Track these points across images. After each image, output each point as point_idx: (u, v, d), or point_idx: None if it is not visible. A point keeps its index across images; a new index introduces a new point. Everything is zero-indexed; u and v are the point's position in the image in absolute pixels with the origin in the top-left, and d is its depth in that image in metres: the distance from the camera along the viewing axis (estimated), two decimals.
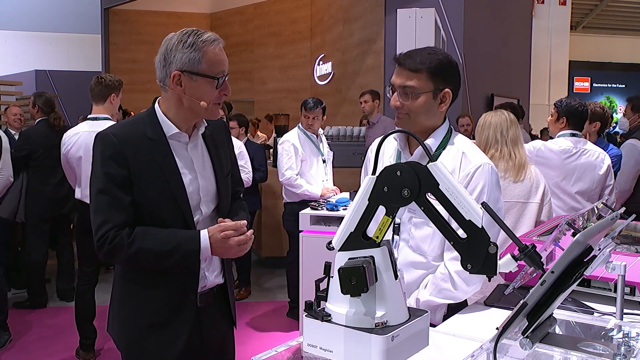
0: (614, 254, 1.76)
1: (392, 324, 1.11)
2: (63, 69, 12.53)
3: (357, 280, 1.07)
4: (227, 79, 1.75)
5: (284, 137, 4.63)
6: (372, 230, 1.14)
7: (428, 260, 1.85)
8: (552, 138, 3.50)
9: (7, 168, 3.99)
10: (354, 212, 1.14)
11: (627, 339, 1.35)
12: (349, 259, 1.12)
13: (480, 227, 1.06)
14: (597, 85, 18.50)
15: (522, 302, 1.10)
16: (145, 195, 1.70)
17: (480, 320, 1.75)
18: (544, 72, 14.77)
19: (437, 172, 1.09)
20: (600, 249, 1.37)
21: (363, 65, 8.52)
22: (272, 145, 7.28)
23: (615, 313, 1.64)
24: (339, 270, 1.09)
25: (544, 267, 1.09)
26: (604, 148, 3.65)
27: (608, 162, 3.37)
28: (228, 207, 1.90)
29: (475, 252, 1.07)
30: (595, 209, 2.16)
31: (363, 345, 1.09)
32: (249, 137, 6.18)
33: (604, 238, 1.41)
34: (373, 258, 1.12)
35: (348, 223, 1.15)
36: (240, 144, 4.78)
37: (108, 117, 3.66)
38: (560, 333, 1.53)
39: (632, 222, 1.85)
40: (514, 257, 1.10)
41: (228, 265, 1.95)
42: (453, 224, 1.10)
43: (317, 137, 4.62)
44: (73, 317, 3.85)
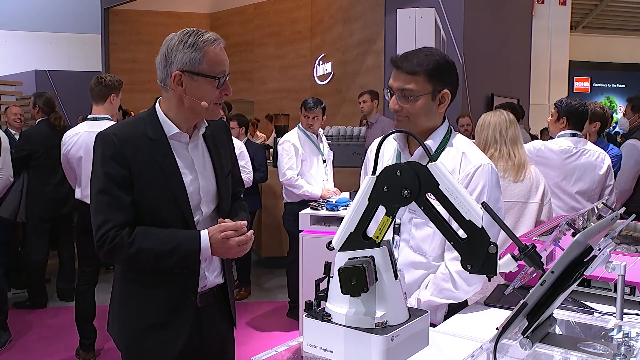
0: (614, 254, 1.76)
1: (392, 324, 1.11)
2: (63, 69, 12.54)
3: (357, 280, 1.07)
4: (228, 79, 1.75)
5: (284, 137, 4.63)
6: (372, 231, 1.14)
7: (429, 261, 1.85)
8: (552, 138, 3.51)
9: (7, 168, 3.99)
10: (354, 212, 1.14)
11: (627, 339, 1.35)
12: (349, 259, 1.12)
13: (480, 227, 1.06)
14: (597, 85, 18.50)
15: (522, 302, 1.10)
16: (146, 195, 1.71)
17: (480, 320, 1.75)
18: (544, 72, 14.77)
19: (437, 172, 1.09)
20: (600, 249, 1.37)
21: (363, 65, 8.52)
22: (271, 145, 7.28)
23: (615, 313, 1.64)
24: (339, 270, 1.09)
25: (544, 267, 1.09)
26: (604, 148, 3.65)
27: (608, 162, 3.37)
28: (228, 207, 1.91)
29: (475, 252, 1.07)
30: (595, 209, 2.16)
31: (363, 345, 1.09)
32: (249, 137, 6.18)
33: (604, 238, 1.41)
34: (373, 258, 1.12)
35: (348, 223, 1.15)
36: (241, 144, 4.79)
37: (108, 117, 3.66)
38: (560, 333, 1.53)
39: (632, 222, 1.85)
40: (514, 257, 1.10)
41: (228, 265, 1.95)
42: (453, 224, 1.10)
43: (317, 137, 4.62)
44: (73, 317, 3.85)
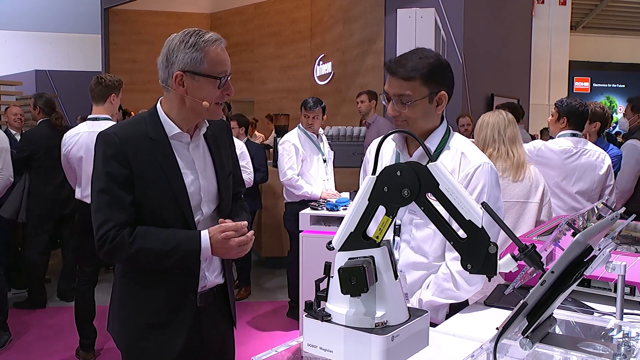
0: (614, 254, 1.76)
1: (392, 324, 1.11)
2: (63, 69, 12.56)
3: (357, 280, 1.07)
4: (229, 79, 1.75)
5: (285, 137, 4.63)
6: (372, 231, 1.14)
7: (429, 261, 1.85)
8: (552, 138, 3.51)
9: (7, 168, 3.98)
10: (354, 212, 1.14)
11: (627, 339, 1.35)
12: (349, 259, 1.12)
13: (480, 227, 1.06)
14: (597, 85, 18.50)
15: (522, 302, 1.10)
16: (147, 195, 1.71)
17: (480, 320, 1.75)
18: (544, 72, 14.77)
19: (437, 172, 1.09)
20: (600, 249, 1.37)
21: (363, 65, 8.52)
22: (271, 145, 7.27)
23: (615, 313, 1.64)
24: (339, 270, 1.09)
25: (544, 267, 1.09)
26: (604, 148, 3.65)
27: (608, 162, 3.37)
28: (229, 207, 1.91)
29: (475, 252, 1.07)
30: (595, 209, 2.16)
31: (363, 345, 1.09)
32: (248, 137, 6.18)
33: (604, 238, 1.41)
34: (373, 258, 1.12)
35: (348, 223, 1.15)
36: (242, 145, 4.79)
37: (108, 117, 3.66)
38: (560, 333, 1.53)
39: (632, 222, 1.85)
40: (514, 257, 1.10)
41: (228, 266, 1.95)
42: (453, 224, 1.10)
43: (317, 136, 4.62)
44: (73, 317, 3.85)
